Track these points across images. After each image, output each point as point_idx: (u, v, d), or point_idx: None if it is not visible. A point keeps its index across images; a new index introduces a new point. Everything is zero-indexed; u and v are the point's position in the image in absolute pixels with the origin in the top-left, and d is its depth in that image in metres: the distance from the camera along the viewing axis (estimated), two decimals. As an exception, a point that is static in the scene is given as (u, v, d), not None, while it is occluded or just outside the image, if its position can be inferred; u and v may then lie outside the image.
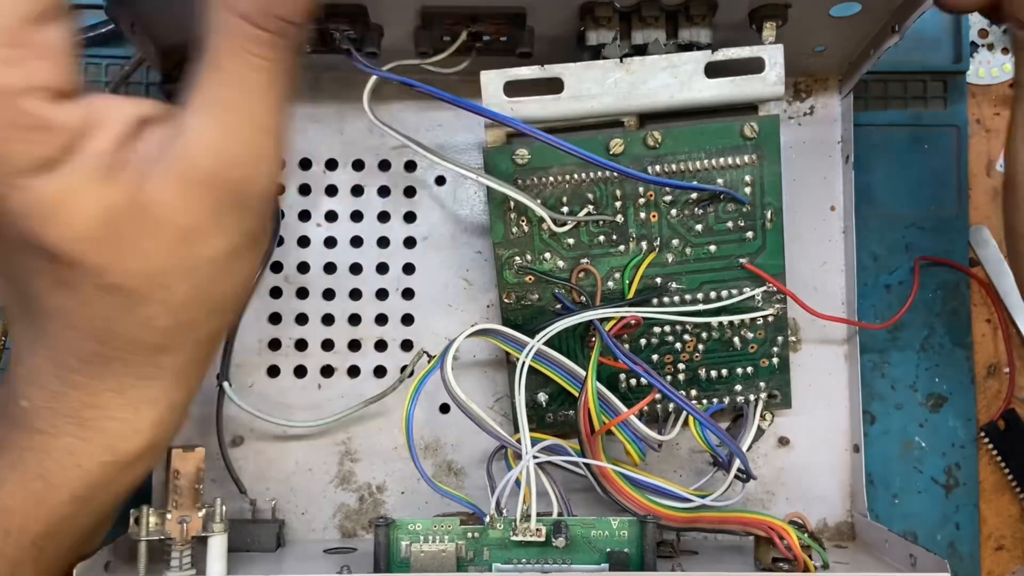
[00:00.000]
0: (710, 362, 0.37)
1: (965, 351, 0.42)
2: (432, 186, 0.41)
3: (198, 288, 0.27)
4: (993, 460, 0.42)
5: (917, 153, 0.43)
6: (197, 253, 0.26)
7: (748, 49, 0.33)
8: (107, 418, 0.28)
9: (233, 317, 0.30)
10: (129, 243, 0.26)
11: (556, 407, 0.38)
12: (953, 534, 0.41)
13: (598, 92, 0.33)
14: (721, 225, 0.36)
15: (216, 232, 0.26)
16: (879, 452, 0.41)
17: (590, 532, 0.32)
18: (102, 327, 0.27)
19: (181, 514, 0.32)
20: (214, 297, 0.28)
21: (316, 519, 0.39)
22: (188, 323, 0.28)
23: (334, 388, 0.40)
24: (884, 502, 0.41)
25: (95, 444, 0.28)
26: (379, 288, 0.40)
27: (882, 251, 0.42)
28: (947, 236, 0.42)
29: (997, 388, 0.42)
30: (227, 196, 0.26)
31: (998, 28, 0.44)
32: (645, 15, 0.34)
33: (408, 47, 0.35)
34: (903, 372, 0.42)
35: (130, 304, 0.26)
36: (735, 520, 0.33)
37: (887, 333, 0.42)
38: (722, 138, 0.34)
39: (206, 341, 0.29)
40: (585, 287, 0.36)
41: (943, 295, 0.42)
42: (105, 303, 0.26)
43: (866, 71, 0.38)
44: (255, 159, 0.26)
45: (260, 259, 0.30)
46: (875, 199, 0.42)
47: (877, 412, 0.41)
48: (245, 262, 0.28)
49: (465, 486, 0.39)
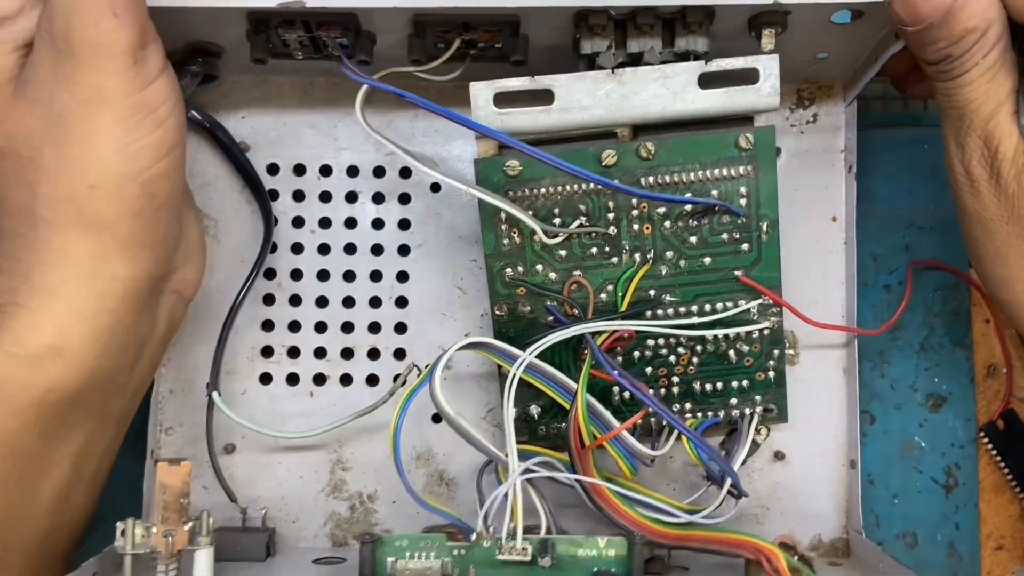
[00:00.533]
0: (705, 375, 0.37)
1: (965, 351, 0.42)
2: (427, 193, 0.40)
3: (70, 159, 0.28)
4: (992, 460, 0.41)
5: (917, 153, 0.42)
6: (65, 124, 0.28)
7: (742, 60, 0.32)
8: (12, 303, 0.29)
9: (130, 204, 0.30)
10: (8, 108, 0.28)
11: (549, 420, 0.37)
12: (953, 534, 0.41)
13: (589, 103, 0.32)
14: (716, 237, 0.35)
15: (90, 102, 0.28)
16: (879, 452, 0.41)
17: (577, 551, 0.32)
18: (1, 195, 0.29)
19: (167, 528, 0.32)
20: (89, 170, 0.28)
21: (307, 528, 0.39)
22: (68, 196, 0.29)
23: (326, 396, 0.39)
24: (884, 502, 0.41)
25: (3, 331, 0.29)
26: (373, 296, 0.40)
27: (882, 251, 0.42)
28: (947, 236, 0.42)
29: (997, 388, 0.42)
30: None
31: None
32: (640, 23, 0.33)
33: (401, 54, 0.35)
34: (903, 372, 0.41)
35: (14, 167, 0.29)
36: (725, 540, 0.33)
37: (887, 333, 0.41)
38: (717, 149, 0.34)
39: (99, 227, 0.29)
40: (577, 299, 0.35)
41: (943, 295, 0.42)
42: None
43: (871, 78, 0.38)
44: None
45: (159, 144, 0.30)
46: (875, 199, 0.42)
47: (877, 412, 0.41)
48: (132, 142, 0.29)
49: (457, 497, 0.39)
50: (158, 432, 0.39)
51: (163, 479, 0.32)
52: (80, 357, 0.30)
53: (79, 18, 0.27)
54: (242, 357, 0.39)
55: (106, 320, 0.30)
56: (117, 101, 0.28)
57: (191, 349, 0.39)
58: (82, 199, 0.29)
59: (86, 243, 0.29)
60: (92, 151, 0.28)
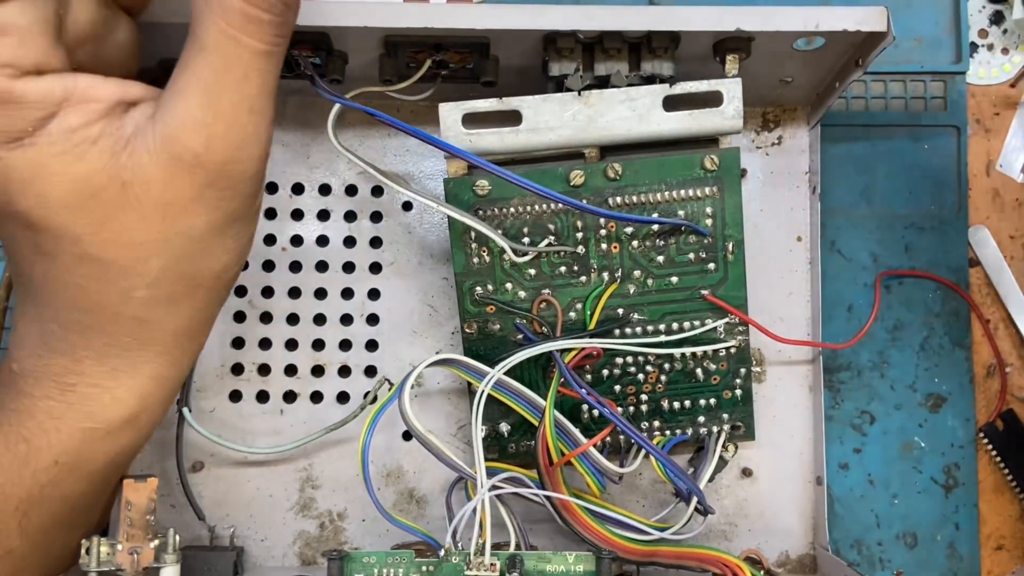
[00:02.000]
0: (672, 393, 0.37)
1: (964, 351, 0.42)
2: (399, 212, 0.40)
3: (177, 262, 0.28)
4: (992, 460, 0.42)
5: (917, 153, 0.43)
6: (176, 228, 0.27)
7: (707, 83, 0.33)
8: (88, 384, 0.29)
9: (223, 295, 0.30)
10: (107, 215, 0.26)
11: (519, 437, 0.37)
12: (953, 534, 0.41)
13: (556, 125, 0.33)
14: (682, 257, 0.35)
15: (197, 210, 0.27)
16: (879, 452, 0.41)
17: (545, 567, 0.32)
18: (81, 296, 0.27)
19: (132, 545, 0.31)
20: (193, 273, 0.28)
21: (276, 546, 0.39)
22: (167, 297, 0.28)
23: (296, 414, 0.39)
24: (884, 502, 0.41)
25: (76, 409, 0.29)
26: (344, 313, 0.40)
27: (881, 251, 0.42)
28: (947, 236, 0.42)
29: (996, 388, 0.42)
30: (210, 175, 0.27)
31: (998, 28, 0.44)
32: (608, 47, 0.33)
33: (373, 74, 0.35)
34: (902, 372, 0.42)
35: (108, 275, 0.27)
36: (692, 556, 0.33)
37: (887, 333, 0.42)
38: (683, 170, 0.34)
39: (190, 316, 0.29)
40: (546, 318, 0.36)
41: (943, 295, 0.42)
42: (83, 272, 0.27)
43: (832, 103, 0.38)
44: (240, 140, 0.27)
45: (247, 238, 0.30)
46: (875, 199, 0.42)
47: (877, 412, 0.41)
48: (228, 240, 0.29)
49: (427, 514, 0.39)
50: (126, 450, 0.38)
51: (128, 496, 0.32)
52: (154, 420, 0.31)
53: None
54: (212, 374, 0.39)
55: (178, 380, 0.31)
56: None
57: (161, 366, 0.39)
58: (182, 298, 0.29)
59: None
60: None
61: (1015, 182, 0.43)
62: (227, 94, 0.26)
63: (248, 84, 0.27)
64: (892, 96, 0.43)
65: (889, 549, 0.41)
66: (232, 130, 0.27)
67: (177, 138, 0.26)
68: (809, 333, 0.40)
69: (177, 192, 0.27)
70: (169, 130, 0.26)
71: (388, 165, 0.40)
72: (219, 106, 0.26)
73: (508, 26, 0.32)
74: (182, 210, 0.27)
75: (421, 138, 0.33)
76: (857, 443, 0.41)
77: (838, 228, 0.42)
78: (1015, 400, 0.42)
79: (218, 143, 0.27)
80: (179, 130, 0.26)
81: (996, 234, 0.43)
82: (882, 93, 0.43)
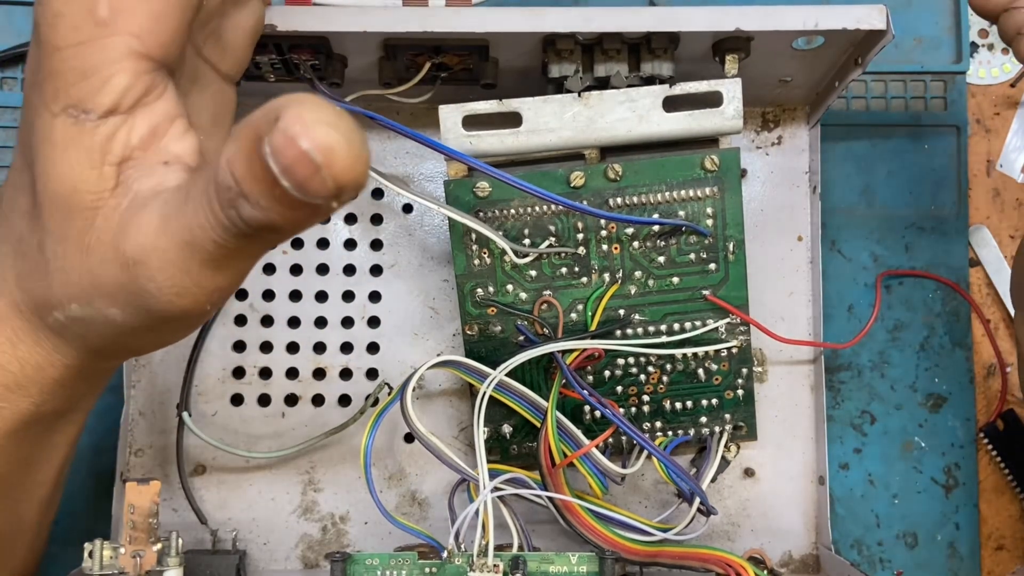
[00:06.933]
0: (674, 394, 0.37)
1: (965, 351, 0.42)
2: (399, 214, 0.40)
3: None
4: (993, 460, 0.42)
5: (917, 153, 0.43)
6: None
7: (706, 83, 0.33)
8: None
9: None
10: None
11: (521, 439, 0.37)
12: (953, 534, 0.41)
13: (556, 126, 0.33)
14: (683, 257, 0.36)
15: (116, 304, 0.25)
16: (879, 452, 0.41)
17: (548, 568, 0.32)
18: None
19: (135, 548, 0.31)
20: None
21: (278, 550, 0.39)
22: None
23: (298, 417, 0.39)
24: (884, 502, 0.41)
25: None
26: (345, 316, 0.40)
27: (882, 251, 0.42)
28: (947, 236, 0.42)
29: (997, 388, 0.42)
30: (140, 298, 0.24)
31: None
32: (607, 48, 0.34)
33: (372, 77, 0.35)
34: (903, 372, 0.42)
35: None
36: (695, 556, 0.33)
37: (887, 333, 0.42)
38: (683, 171, 0.34)
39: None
40: (548, 319, 0.36)
41: (943, 295, 0.42)
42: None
43: (832, 102, 0.38)
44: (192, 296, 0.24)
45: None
46: (875, 199, 0.42)
47: (877, 412, 0.41)
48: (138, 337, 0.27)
49: (429, 517, 0.39)
50: (128, 454, 0.39)
51: (131, 499, 0.32)
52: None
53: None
54: (213, 378, 0.39)
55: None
56: None
57: (161, 371, 0.39)
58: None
59: None
60: None
61: (1015, 182, 0.43)
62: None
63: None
64: (892, 96, 0.43)
65: (889, 549, 0.41)
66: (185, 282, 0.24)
67: (135, 248, 0.24)
68: (810, 333, 0.40)
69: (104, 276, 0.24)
70: (137, 234, 0.24)
71: (388, 167, 0.40)
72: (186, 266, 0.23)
73: (507, 28, 0.32)
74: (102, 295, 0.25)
75: (422, 141, 0.33)
76: (857, 443, 0.41)
77: (838, 228, 0.42)
78: (1014, 399, 0.42)
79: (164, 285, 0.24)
80: (141, 244, 0.24)
81: (996, 234, 0.43)
82: (882, 93, 0.43)
